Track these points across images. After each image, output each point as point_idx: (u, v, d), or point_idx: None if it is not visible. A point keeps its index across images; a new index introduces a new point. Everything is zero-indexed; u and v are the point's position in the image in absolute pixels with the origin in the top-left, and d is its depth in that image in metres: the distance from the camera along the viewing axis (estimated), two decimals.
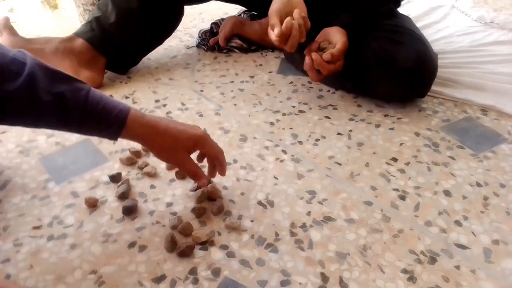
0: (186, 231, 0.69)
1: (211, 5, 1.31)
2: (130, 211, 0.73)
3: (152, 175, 0.81)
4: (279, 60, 1.24)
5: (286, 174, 0.83)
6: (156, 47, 1.18)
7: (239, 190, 0.79)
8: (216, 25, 1.31)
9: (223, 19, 1.31)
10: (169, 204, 0.76)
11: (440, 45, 1.28)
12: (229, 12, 1.49)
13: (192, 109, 1.01)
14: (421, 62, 0.94)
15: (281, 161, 0.86)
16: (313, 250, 0.68)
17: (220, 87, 1.11)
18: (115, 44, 1.07)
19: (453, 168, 0.85)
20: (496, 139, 0.94)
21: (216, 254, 0.67)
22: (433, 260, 0.67)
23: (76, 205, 0.75)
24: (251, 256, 0.67)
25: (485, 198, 0.79)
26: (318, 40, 0.97)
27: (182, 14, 1.16)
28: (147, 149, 0.70)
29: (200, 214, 0.73)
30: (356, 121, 0.98)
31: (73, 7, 1.40)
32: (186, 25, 1.45)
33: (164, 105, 1.03)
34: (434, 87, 1.04)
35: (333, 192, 0.79)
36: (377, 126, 0.97)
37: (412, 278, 0.64)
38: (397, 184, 0.81)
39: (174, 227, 0.70)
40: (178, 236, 0.69)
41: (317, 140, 0.92)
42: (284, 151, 0.89)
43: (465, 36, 1.33)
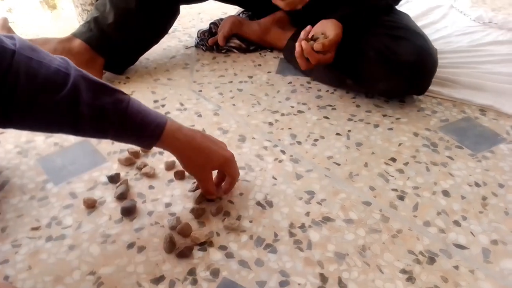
0: (185, 232, 0.69)
1: (210, 5, 1.31)
2: (129, 212, 0.73)
3: (151, 176, 0.81)
4: (278, 60, 1.24)
5: (285, 175, 0.83)
6: (153, 46, 1.18)
7: (238, 191, 0.79)
8: (215, 25, 1.31)
9: (222, 19, 1.31)
10: (168, 205, 0.76)
11: (439, 45, 1.28)
12: (228, 12, 1.49)
13: (191, 109, 1.01)
14: (422, 57, 0.94)
15: (280, 161, 0.86)
16: (312, 251, 0.68)
17: (219, 87, 1.11)
18: (113, 44, 1.06)
19: (452, 168, 0.85)
20: (495, 139, 0.94)
21: (215, 255, 0.67)
22: (432, 260, 0.67)
23: (75, 206, 0.75)
24: (250, 257, 0.67)
25: (484, 198, 0.79)
26: (313, 31, 0.98)
27: (178, 13, 1.16)
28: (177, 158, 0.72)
29: (199, 215, 0.73)
30: (355, 121, 0.98)
31: (72, 7, 1.40)
32: (185, 25, 1.45)
33: (163, 105, 1.02)
34: (433, 87, 1.04)
35: (332, 192, 0.79)
36: (376, 126, 0.97)
37: (411, 278, 0.64)
38: (396, 184, 0.81)
39: (173, 228, 0.70)
40: (177, 237, 0.69)
41: (316, 140, 0.92)
42: (283, 151, 0.89)
43: (464, 36, 1.34)
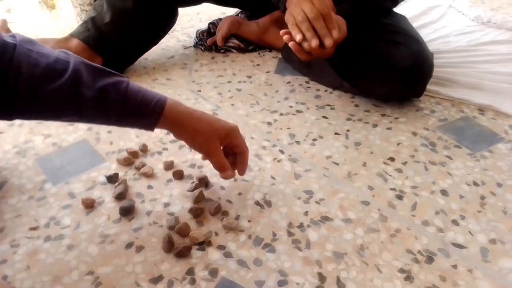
0: (184, 232, 0.69)
1: (208, 6, 1.31)
2: (127, 212, 0.73)
3: (149, 176, 0.81)
4: (277, 60, 1.24)
5: (284, 174, 0.83)
6: (152, 47, 1.18)
7: (237, 190, 0.79)
8: (214, 25, 1.31)
9: (221, 19, 1.31)
10: (166, 205, 0.76)
11: (437, 45, 1.28)
12: (227, 12, 1.49)
13: None
14: (418, 62, 0.94)
15: (279, 161, 0.86)
16: (311, 250, 0.68)
17: (218, 87, 1.11)
18: (111, 44, 1.06)
19: (450, 168, 0.85)
20: (493, 139, 0.94)
21: (214, 255, 0.67)
22: (430, 260, 0.67)
23: (73, 206, 0.75)
24: (249, 256, 0.67)
25: (482, 198, 0.79)
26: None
27: (177, 15, 1.16)
28: (181, 138, 0.71)
29: (198, 215, 0.73)
30: (354, 121, 0.98)
31: (71, 7, 1.40)
32: (184, 25, 1.45)
33: None
34: (431, 87, 1.04)
35: (331, 192, 0.79)
36: (375, 126, 0.97)
37: (409, 278, 0.64)
38: (394, 184, 0.81)
39: (171, 228, 0.70)
40: (175, 237, 0.69)
41: (315, 140, 0.92)
42: (282, 151, 0.89)
43: (462, 36, 1.34)
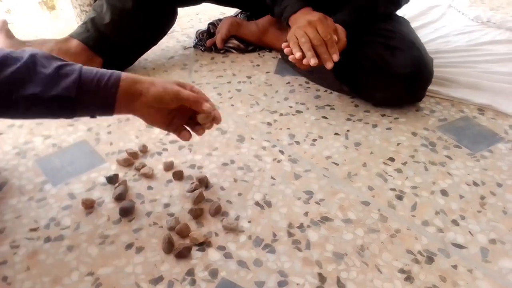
0: (183, 232, 0.69)
1: (208, 6, 1.31)
2: (127, 213, 0.73)
3: (149, 176, 0.81)
4: (276, 61, 1.24)
5: (284, 175, 0.83)
6: (151, 48, 1.18)
7: (236, 191, 0.79)
8: (213, 26, 1.31)
9: (220, 20, 1.31)
10: (166, 205, 0.76)
11: (437, 45, 1.28)
12: (226, 13, 1.49)
13: None
14: (417, 69, 0.94)
15: (279, 162, 0.86)
16: (311, 251, 0.68)
17: (218, 88, 1.11)
18: (111, 45, 1.06)
19: (450, 168, 0.85)
20: (493, 138, 0.94)
21: (214, 255, 0.67)
22: (430, 260, 0.67)
23: (73, 207, 0.75)
24: (249, 257, 0.67)
25: (482, 198, 0.79)
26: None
27: (176, 15, 1.16)
28: (141, 99, 0.68)
29: (197, 215, 0.73)
30: (354, 121, 0.98)
31: (70, 8, 1.40)
32: (183, 26, 1.45)
33: None
34: (431, 87, 1.04)
35: (331, 192, 0.79)
36: (374, 126, 0.97)
37: (410, 278, 0.64)
38: (394, 184, 0.81)
39: (171, 228, 0.70)
40: (175, 237, 0.69)
41: (315, 140, 0.92)
42: (282, 152, 0.89)
43: (462, 36, 1.34)
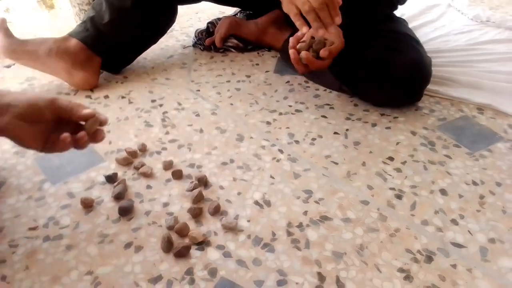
0: (183, 232, 0.69)
1: (208, 5, 1.31)
2: (126, 212, 0.73)
3: (148, 175, 0.81)
4: (276, 60, 1.23)
5: (283, 174, 0.83)
6: (150, 46, 1.18)
7: (236, 190, 0.79)
8: (213, 25, 1.31)
9: (220, 19, 1.31)
10: (166, 204, 0.76)
11: (437, 44, 1.28)
12: (226, 12, 1.49)
13: (189, 109, 1.01)
14: (416, 70, 0.94)
15: (278, 161, 0.86)
16: (310, 250, 0.68)
17: (217, 87, 1.10)
18: (110, 44, 1.06)
19: (449, 167, 0.85)
20: (492, 138, 0.94)
21: (213, 254, 0.67)
22: (430, 259, 0.67)
23: (72, 206, 0.75)
24: (248, 256, 0.67)
25: (481, 197, 0.79)
26: (308, 34, 0.92)
27: (176, 13, 1.15)
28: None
29: (197, 214, 0.73)
30: (353, 120, 0.98)
31: (69, 7, 1.40)
32: (183, 25, 1.45)
33: (161, 105, 1.02)
34: (431, 86, 1.04)
35: (330, 192, 0.79)
36: (374, 125, 0.97)
37: (409, 277, 0.64)
38: (394, 183, 0.81)
39: (171, 228, 0.70)
40: (175, 237, 0.69)
41: (314, 140, 0.92)
42: (281, 151, 0.89)
43: (462, 35, 1.34)
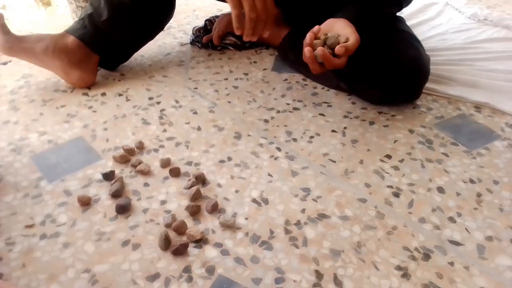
0: (180, 229, 0.69)
1: (205, 2, 1.31)
2: (124, 209, 0.73)
3: (146, 173, 0.81)
4: (274, 58, 1.23)
5: (281, 172, 0.83)
6: (148, 42, 1.17)
7: (233, 188, 0.79)
8: (210, 22, 1.31)
9: (217, 16, 1.30)
10: (163, 202, 0.75)
11: (434, 42, 1.28)
12: (223, 9, 1.49)
13: (186, 107, 1.01)
14: (415, 68, 0.94)
15: (276, 159, 0.86)
16: (308, 248, 0.68)
17: (214, 84, 1.10)
18: (108, 41, 1.05)
19: (447, 165, 0.86)
20: (490, 136, 0.94)
21: (211, 252, 0.67)
22: (427, 257, 0.67)
23: (69, 204, 0.75)
24: (246, 254, 0.66)
25: (479, 195, 0.79)
26: (322, 31, 0.87)
27: (174, 8, 1.14)
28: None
29: (194, 212, 0.73)
30: (351, 119, 0.98)
31: (66, 4, 1.39)
32: (180, 22, 1.44)
33: (158, 103, 1.02)
34: (428, 84, 1.04)
35: (328, 189, 0.79)
36: (371, 124, 0.97)
37: (406, 275, 0.64)
38: (391, 181, 0.81)
39: (168, 225, 0.70)
40: (172, 234, 0.69)
41: (312, 138, 0.92)
42: (279, 149, 0.88)
43: (459, 33, 1.34)
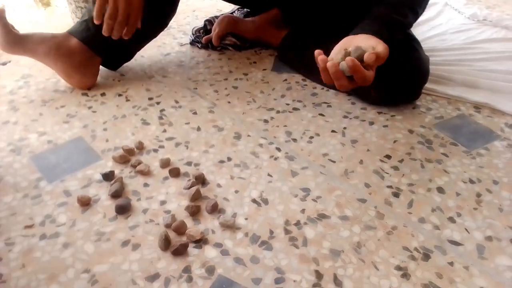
0: (180, 229, 0.69)
1: (205, 3, 1.31)
2: (123, 210, 0.73)
3: (146, 173, 0.81)
4: (273, 58, 1.23)
5: (280, 172, 0.83)
6: (151, 40, 1.16)
7: (233, 188, 0.79)
8: (210, 23, 1.31)
9: (217, 17, 1.30)
10: (163, 202, 0.75)
11: (434, 43, 1.28)
12: (223, 10, 1.49)
13: (186, 107, 1.01)
14: (414, 68, 0.94)
15: (275, 159, 0.86)
16: (307, 248, 0.68)
17: (214, 85, 1.10)
18: (112, 42, 1.05)
19: (446, 165, 0.86)
20: (489, 136, 0.94)
21: (210, 252, 0.67)
22: (427, 257, 0.67)
23: (69, 204, 0.75)
24: (246, 254, 0.66)
25: (478, 195, 0.79)
26: (340, 48, 0.82)
27: (177, 5, 1.13)
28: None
29: (194, 212, 0.73)
30: (350, 119, 0.98)
31: (66, 4, 1.39)
32: (180, 23, 1.44)
33: (158, 103, 1.02)
34: (428, 85, 1.04)
35: (327, 190, 0.79)
36: (371, 124, 0.97)
37: (406, 275, 0.64)
38: (391, 181, 0.81)
39: (168, 226, 0.70)
40: (172, 235, 0.69)
41: (311, 138, 0.92)
42: (278, 149, 0.88)
43: (459, 34, 1.34)
